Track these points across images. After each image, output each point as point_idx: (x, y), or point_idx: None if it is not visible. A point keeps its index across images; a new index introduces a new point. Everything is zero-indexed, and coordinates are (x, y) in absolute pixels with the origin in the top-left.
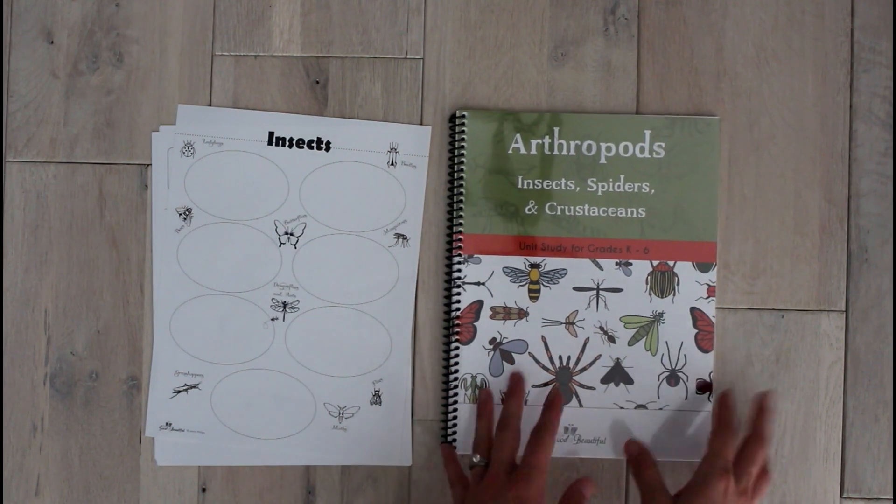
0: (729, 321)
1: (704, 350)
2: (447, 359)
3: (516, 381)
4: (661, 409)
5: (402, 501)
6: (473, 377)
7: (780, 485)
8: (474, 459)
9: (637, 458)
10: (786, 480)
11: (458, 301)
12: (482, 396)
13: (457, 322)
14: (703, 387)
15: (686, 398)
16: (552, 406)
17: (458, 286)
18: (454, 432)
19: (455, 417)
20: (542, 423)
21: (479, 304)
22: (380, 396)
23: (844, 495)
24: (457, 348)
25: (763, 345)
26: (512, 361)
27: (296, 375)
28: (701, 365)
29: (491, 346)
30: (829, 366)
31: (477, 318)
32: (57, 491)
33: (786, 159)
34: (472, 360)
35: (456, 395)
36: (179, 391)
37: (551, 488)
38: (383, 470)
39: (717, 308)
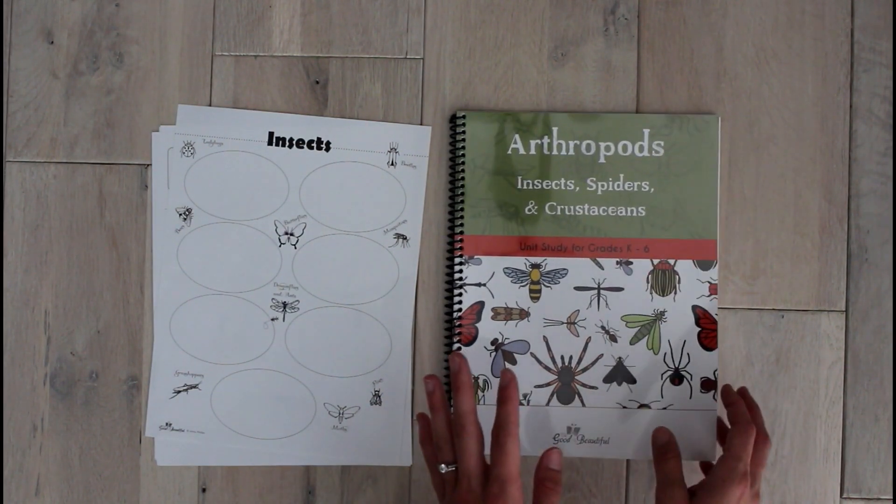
0: (729, 321)
1: (708, 348)
2: (448, 360)
3: (460, 368)
4: (664, 408)
5: (402, 501)
6: (475, 378)
7: (780, 485)
8: (442, 469)
9: (663, 447)
10: (786, 480)
11: (460, 302)
12: (429, 387)
13: (458, 323)
14: (708, 385)
15: (690, 397)
16: (506, 399)
17: (460, 287)
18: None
19: None
20: (499, 424)
21: (481, 305)
22: (380, 396)
23: (844, 495)
24: (458, 349)
25: (763, 345)
26: (514, 362)
27: (296, 375)
28: (705, 363)
29: (493, 347)
30: (829, 366)
31: (478, 319)
32: (57, 491)
33: (786, 159)
34: (474, 361)
35: None
36: (179, 391)
37: None
38: (383, 470)
39: (717, 308)
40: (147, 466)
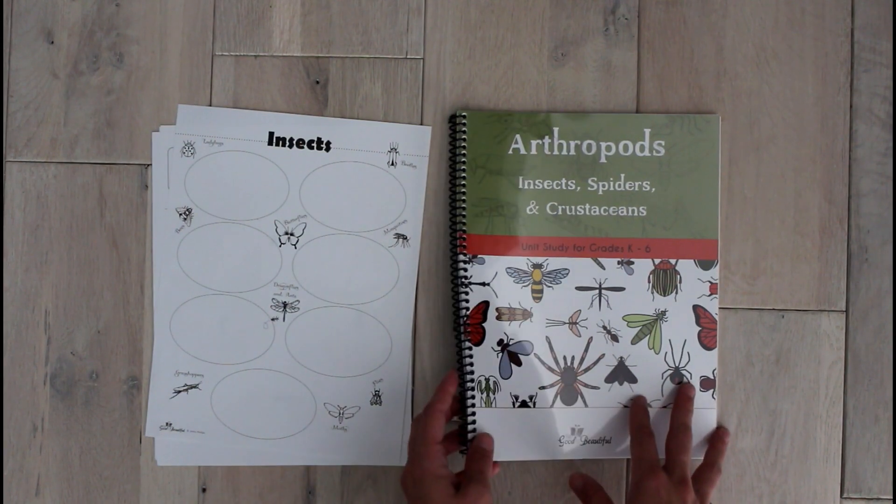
0: (729, 321)
1: (707, 347)
2: (460, 360)
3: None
4: (664, 406)
5: (402, 501)
6: (486, 379)
7: (781, 485)
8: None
9: (584, 489)
10: (786, 480)
11: (467, 301)
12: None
13: (467, 322)
14: (707, 384)
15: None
16: (478, 455)
17: (466, 286)
18: (473, 436)
19: (474, 422)
20: (472, 481)
21: (486, 304)
22: (380, 396)
23: (844, 495)
24: (469, 349)
25: (763, 345)
26: (519, 363)
27: (296, 375)
28: (704, 362)
29: (499, 348)
30: (829, 366)
31: (484, 318)
32: (57, 491)
33: (786, 159)
34: (484, 361)
35: (473, 397)
36: (179, 391)
37: (552, 488)
38: (383, 470)
39: (718, 307)
40: (147, 466)
